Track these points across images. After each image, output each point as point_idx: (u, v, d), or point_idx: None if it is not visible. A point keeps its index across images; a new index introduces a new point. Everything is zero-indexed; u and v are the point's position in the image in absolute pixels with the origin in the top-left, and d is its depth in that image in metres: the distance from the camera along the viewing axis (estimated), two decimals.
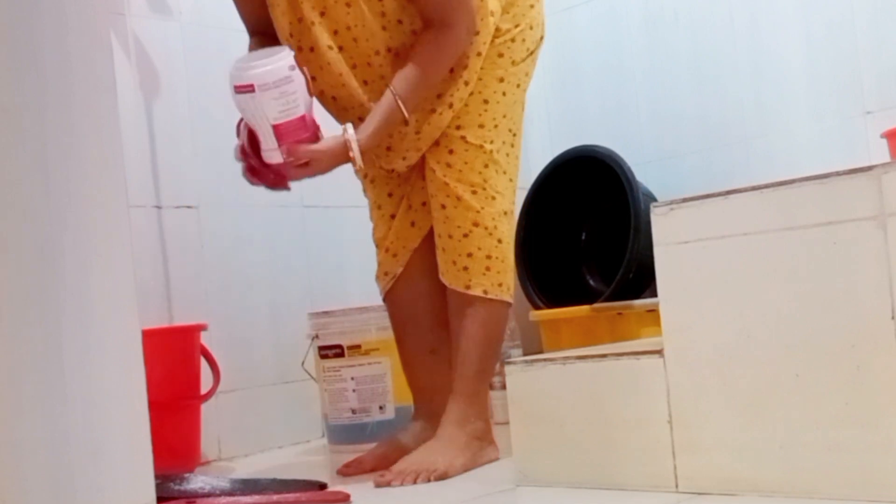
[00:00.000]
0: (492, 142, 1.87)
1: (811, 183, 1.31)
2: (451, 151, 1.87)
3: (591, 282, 2.80)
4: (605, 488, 1.49)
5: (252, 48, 1.89)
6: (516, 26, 1.89)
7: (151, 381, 1.14)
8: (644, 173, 2.63)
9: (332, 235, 2.53)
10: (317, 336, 2.30)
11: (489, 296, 1.86)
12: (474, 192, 1.85)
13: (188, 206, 2.34)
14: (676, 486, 1.42)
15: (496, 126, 1.88)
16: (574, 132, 2.88)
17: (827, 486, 1.28)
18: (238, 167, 1.79)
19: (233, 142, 1.78)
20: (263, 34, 1.89)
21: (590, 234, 2.84)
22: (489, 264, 1.86)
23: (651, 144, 2.74)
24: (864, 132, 2.30)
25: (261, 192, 1.81)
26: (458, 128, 1.87)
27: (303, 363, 2.35)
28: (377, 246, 2.01)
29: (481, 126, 1.87)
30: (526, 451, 1.59)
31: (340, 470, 1.90)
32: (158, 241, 2.29)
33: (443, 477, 1.72)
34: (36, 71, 1.07)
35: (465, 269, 1.86)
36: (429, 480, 1.70)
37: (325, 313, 2.31)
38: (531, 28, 1.92)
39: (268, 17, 1.85)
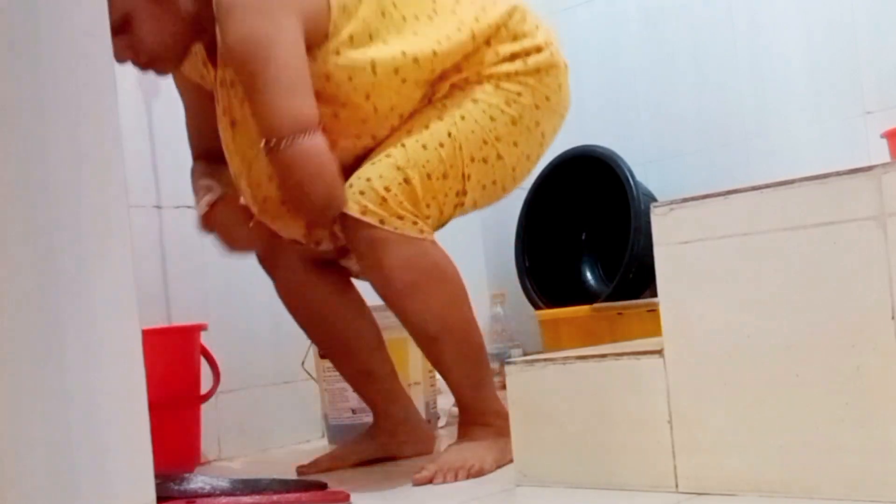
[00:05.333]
0: None
1: (811, 183, 1.31)
2: None
3: (591, 282, 2.80)
4: (605, 488, 1.49)
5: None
6: None
7: (151, 381, 1.14)
8: (644, 173, 2.63)
9: None
10: None
11: (385, 227, 1.70)
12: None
13: (188, 206, 2.34)
14: (676, 486, 1.42)
15: None
16: (574, 132, 2.88)
17: (827, 486, 1.28)
18: None
19: None
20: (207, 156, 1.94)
21: (590, 234, 2.84)
22: (385, 196, 1.72)
23: (651, 144, 2.74)
24: (864, 132, 2.30)
25: None
26: None
27: (303, 363, 2.35)
28: None
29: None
30: (526, 451, 1.59)
31: (299, 468, 1.95)
32: (158, 241, 2.29)
33: (479, 473, 1.74)
34: (36, 71, 1.07)
35: (362, 193, 1.72)
36: (468, 477, 1.72)
37: None
38: None
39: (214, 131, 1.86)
